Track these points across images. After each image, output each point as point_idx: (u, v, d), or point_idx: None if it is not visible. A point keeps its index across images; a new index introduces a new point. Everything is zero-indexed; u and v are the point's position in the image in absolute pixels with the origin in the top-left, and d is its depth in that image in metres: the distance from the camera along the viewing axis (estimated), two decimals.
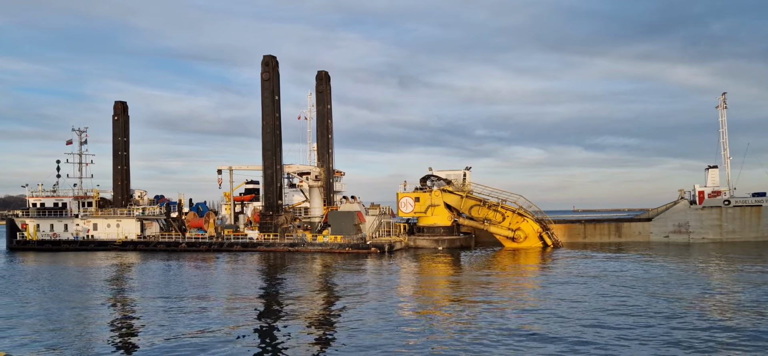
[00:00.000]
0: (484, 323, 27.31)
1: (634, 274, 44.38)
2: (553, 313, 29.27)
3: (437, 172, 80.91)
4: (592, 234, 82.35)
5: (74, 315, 31.66)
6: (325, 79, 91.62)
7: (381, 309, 31.38)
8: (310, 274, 49.42)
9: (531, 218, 75.78)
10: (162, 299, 36.23)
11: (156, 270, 54.51)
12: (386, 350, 22.71)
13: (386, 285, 41.65)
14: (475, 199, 77.53)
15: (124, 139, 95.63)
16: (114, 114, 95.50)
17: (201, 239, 79.51)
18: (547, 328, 25.84)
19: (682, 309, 29.86)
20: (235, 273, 51.63)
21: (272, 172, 79.74)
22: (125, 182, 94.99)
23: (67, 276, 50.58)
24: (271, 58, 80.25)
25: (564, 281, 41.60)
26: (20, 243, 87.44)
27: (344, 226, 74.24)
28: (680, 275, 43.62)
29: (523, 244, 74.32)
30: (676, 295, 34.12)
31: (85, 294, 39.32)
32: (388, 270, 52.09)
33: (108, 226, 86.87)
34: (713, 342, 22.94)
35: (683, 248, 68.78)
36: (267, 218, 79.07)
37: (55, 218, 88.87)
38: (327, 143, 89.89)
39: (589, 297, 34.16)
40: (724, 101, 79.78)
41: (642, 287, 37.65)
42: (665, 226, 79.06)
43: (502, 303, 32.98)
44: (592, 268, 49.15)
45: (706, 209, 77.34)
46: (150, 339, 25.19)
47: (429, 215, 77.46)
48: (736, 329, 25.17)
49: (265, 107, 79.98)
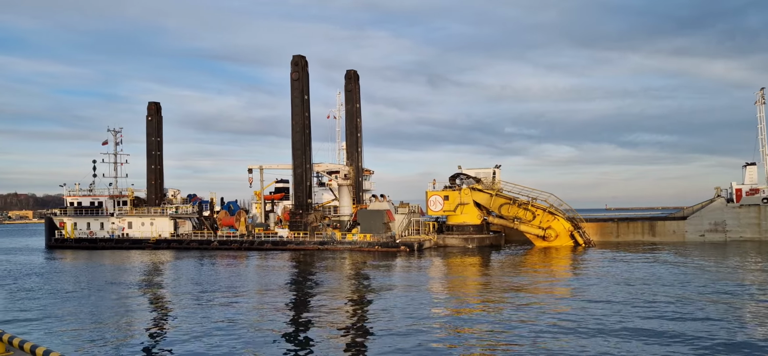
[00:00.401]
0: (514, 324, 27.12)
1: (672, 277, 43.49)
2: (585, 315, 28.88)
3: (466, 170, 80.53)
4: (626, 233, 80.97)
5: (112, 310, 32.45)
6: (353, 78, 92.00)
7: (410, 308, 31.39)
8: (340, 272, 49.71)
9: (562, 217, 74.87)
10: (195, 294, 36.88)
11: (189, 267, 55.49)
12: (415, 350, 22.72)
13: (416, 284, 41.65)
14: (504, 197, 76.92)
15: (158, 139, 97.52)
16: (148, 114, 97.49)
17: (232, 238, 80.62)
18: (578, 331, 25.52)
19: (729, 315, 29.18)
20: (266, 270, 52.23)
21: (302, 171, 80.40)
22: (159, 181, 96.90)
23: (103, 272, 51.83)
24: (301, 58, 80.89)
25: (595, 283, 41.00)
26: (58, 241, 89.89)
27: (373, 224, 74.43)
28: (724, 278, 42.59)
29: (554, 243, 73.47)
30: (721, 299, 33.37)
31: (123, 290, 40.25)
32: (417, 268, 52.08)
33: (142, 224, 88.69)
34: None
35: (720, 247, 67.15)
36: (297, 217, 79.77)
37: (92, 217, 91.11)
38: (356, 141, 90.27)
39: (622, 299, 33.63)
40: (762, 96, 77.61)
41: (679, 289, 36.90)
42: (701, 225, 77.30)
43: (533, 304, 32.68)
44: (626, 270, 48.34)
45: (743, 207, 75.38)
46: (183, 332, 25.66)
47: (458, 214, 77.13)
48: None
49: (295, 106, 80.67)
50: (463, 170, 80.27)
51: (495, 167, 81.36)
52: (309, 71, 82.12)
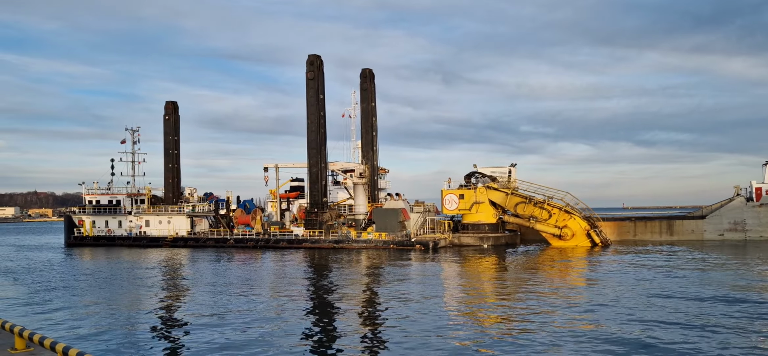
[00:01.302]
0: (529, 325, 26.99)
1: (694, 277, 42.99)
2: (601, 316, 28.66)
3: (482, 169, 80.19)
4: (643, 232, 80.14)
5: (129, 308, 32.83)
6: (369, 76, 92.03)
7: (425, 307, 31.38)
8: (355, 270, 49.80)
9: (578, 216, 74.27)
10: (211, 292, 37.16)
11: (206, 265, 55.93)
12: (430, 348, 22.70)
13: (431, 283, 41.61)
14: (520, 196, 76.49)
15: (175, 138, 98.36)
16: (165, 114, 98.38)
17: (248, 236, 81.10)
18: (595, 332, 25.34)
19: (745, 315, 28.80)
20: (281, 268, 52.47)
21: (317, 170, 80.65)
22: (176, 179, 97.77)
23: (121, 269, 52.43)
24: (316, 58, 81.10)
25: (616, 282, 40.65)
26: (77, 239, 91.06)
27: (389, 223, 74.44)
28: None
29: (570, 242, 72.90)
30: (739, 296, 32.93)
31: (141, 289, 40.70)
32: (432, 267, 52.02)
33: (159, 223, 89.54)
34: None
35: (739, 246, 66.22)
36: (312, 215, 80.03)
37: (110, 215, 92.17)
38: (371, 140, 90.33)
39: (640, 298, 33.32)
40: None
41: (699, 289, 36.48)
42: (720, 224, 76.26)
43: (548, 304, 32.49)
44: (644, 270, 47.87)
45: (763, 206, 74.24)
46: (198, 330, 25.88)
47: (473, 213, 76.85)
48: None
49: (310, 105, 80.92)
50: (479, 169, 79.95)
51: (510, 166, 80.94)
52: (324, 71, 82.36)
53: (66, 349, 13.09)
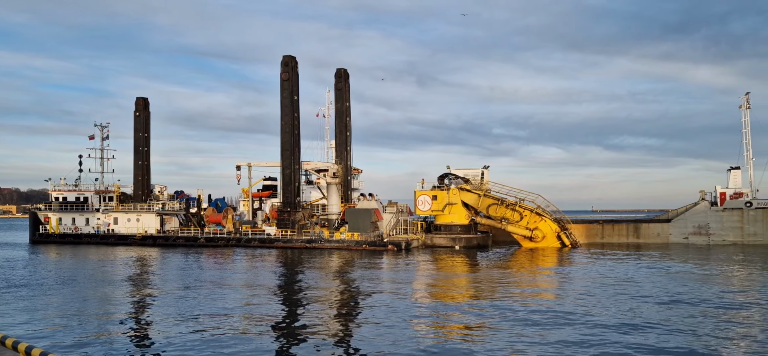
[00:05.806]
0: (497, 321, 27.31)
1: (656, 279, 43.97)
2: (567, 312, 29.15)
3: (455, 170, 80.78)
4: (610, 235, 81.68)
5: (95, 306, 32.25)
6: (344, 77, 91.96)
7: (394, 306, 31.51)
8: (327, 270, 49.71)
9: (549, 218, 75.36)
10: (180, 291, 36.73)
11: (175, 264, 55.20)
12: (398, 346, 22.82)
13: (402, 283, 41.78)
14: (492, 198, 77.28)
15: (145, 135, 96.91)
16: (135, 110, 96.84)
17: (219, 235, 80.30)
18: (559, 327, 25.76)
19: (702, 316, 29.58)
20: (253, 268, 52.10)
21: (291, 171, 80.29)
22: (146, 177, 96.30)
23: (88, 268, 51.43)
24: (291, 59, 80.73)
25: (582, 282, 41.37)
26: (43, 236, 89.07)
27: (361, 223, 74.48)
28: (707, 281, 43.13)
29: (541, 244, 73.93)
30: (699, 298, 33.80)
31: (107, 287, 40.00)
32: (404, 267, 52.21)
33: (128, 220, 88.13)
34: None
35: (703, 250, 67.93)
36: (285, 215, 79.63)
37: (77, 212, 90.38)
38: (345, 140, 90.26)
39: (605, 298, 33.98)
40: (747, 101, 78.58)
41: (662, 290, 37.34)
42: (685, 227, 78.12)
43: (516, 301, 32.90)
44: (611, 270, 48.79)
45: (727, 210, 76.28)
46: (167, 328, 25.58)
47: (446, 214, 77.36)
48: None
49: (284, 107, 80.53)
50: (452, 170, 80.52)
51: (483, 168, 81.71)
52: (299, 70, 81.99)
53: (29, 349, 12.87)
